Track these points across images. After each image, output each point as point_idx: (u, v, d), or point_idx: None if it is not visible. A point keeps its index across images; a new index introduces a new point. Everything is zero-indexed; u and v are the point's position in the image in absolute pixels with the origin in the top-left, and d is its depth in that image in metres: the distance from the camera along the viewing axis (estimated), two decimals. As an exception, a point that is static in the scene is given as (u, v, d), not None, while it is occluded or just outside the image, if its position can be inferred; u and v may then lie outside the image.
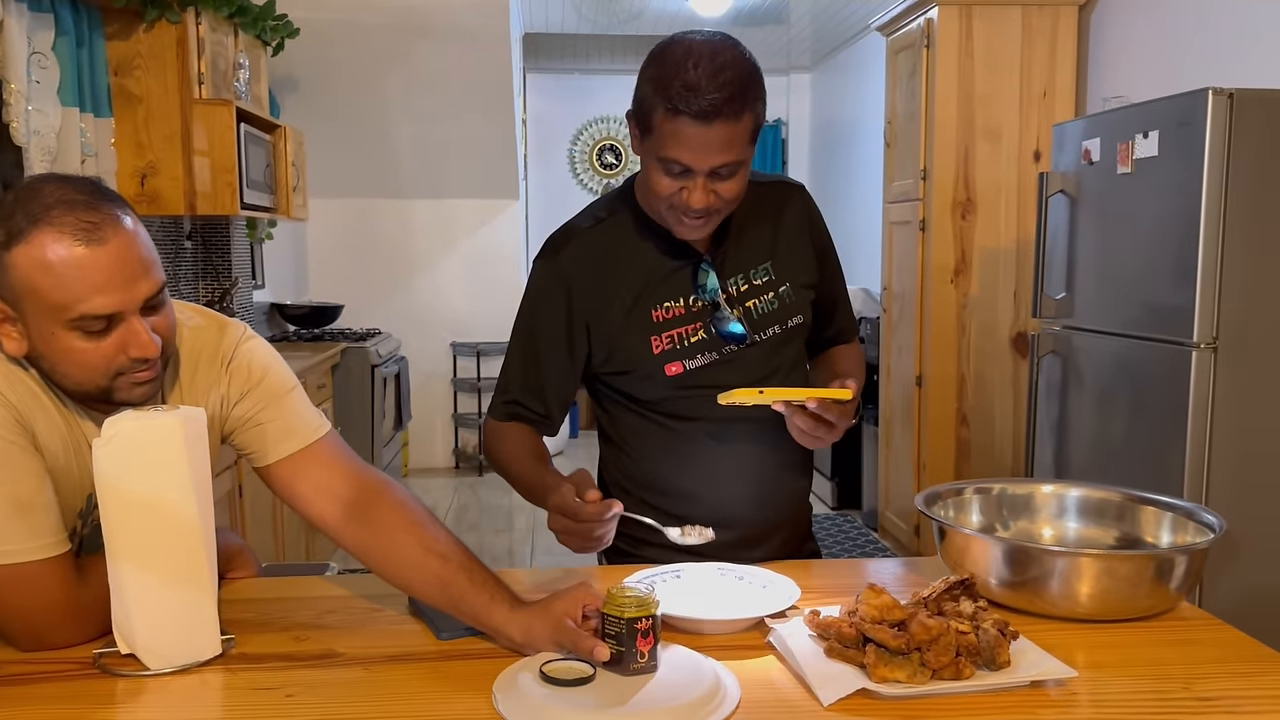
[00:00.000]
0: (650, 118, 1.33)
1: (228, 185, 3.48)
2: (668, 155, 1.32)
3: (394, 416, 5.16)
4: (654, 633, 1.09)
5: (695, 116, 1.28)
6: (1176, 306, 2.23)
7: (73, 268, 1.07)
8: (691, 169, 1.32)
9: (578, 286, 1.47)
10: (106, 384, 1.13)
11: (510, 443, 1.51)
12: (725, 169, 1.34)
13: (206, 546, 1.13)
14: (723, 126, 1.29)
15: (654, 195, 1.39)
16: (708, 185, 1.34)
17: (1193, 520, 1.31)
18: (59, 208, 1.08)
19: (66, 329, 1.09)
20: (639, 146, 1.40)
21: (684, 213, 1.37)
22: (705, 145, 1.30)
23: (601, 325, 1.48)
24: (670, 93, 1.29)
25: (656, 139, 1.33)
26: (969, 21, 3.82)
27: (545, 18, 6.53)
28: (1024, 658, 1.09)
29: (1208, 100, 2.12)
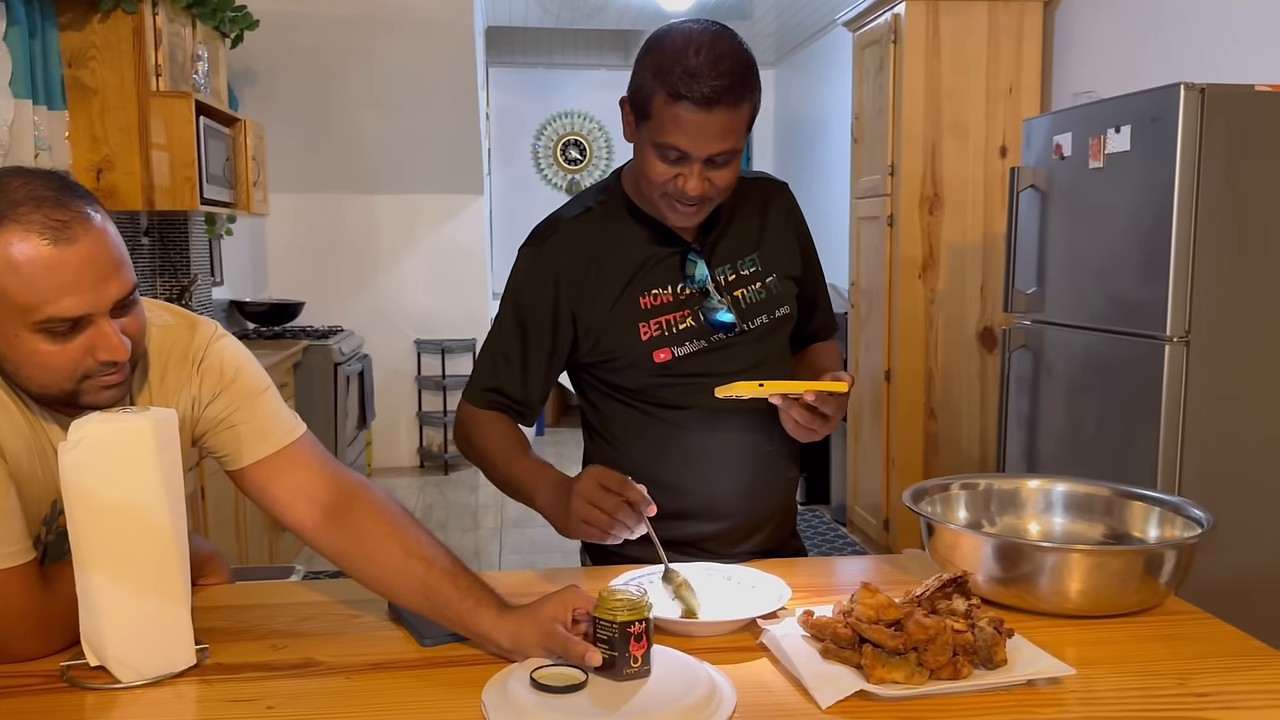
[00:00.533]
0: (649, 103, 1.33)
1: (187, 180, 3.40)
2: (665, 141, 1.33)
3: (357, 416, 5.09)
4: (647, 636, 1.06)
5: (696, 103, 1.29)
6: (1149, 300, 2.24)
7: (41, 268, 1.01)
8: (689, 155, 1.33)
9: (565, 274, 1.46)
10: (72, 387, 1.08)
11: (491, 433, 1.49)
12: (721, 157, 1.35)
13: (179, 553, 1.09)
14: (722, 114, 1.30)
15: (648, 182, 1.39)
16: (703, 172, 1.35)
17: (1180, 515, 1.31)
18: (26, 204, 1.02)
19: (32, 331, 1.03)
20: (632, 133, 1.40)
21: (678, 199, 1.37)
22: (704, 132, 1.31)
23: (589, 313, 1.46)
24: (672, 79, 1.30)
25: (654, 124, 1.33)
26: (936, 17, 3.83)
27: (509, 11, 6.48)
28: (1020, 656, 1.08)
29: (1180, 95, 2.13)
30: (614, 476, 1.27)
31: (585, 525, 1.29)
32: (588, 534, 1.30)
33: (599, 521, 1.27)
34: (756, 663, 1.12)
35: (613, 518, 1.26)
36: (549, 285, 1.46)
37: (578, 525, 1.30)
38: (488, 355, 1.52)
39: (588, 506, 1.27)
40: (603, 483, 1.27)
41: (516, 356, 1.49)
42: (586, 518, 1.28)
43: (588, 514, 1.27)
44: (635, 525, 1.27)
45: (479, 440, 1.50)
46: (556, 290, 1.46)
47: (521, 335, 1.49)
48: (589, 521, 1.28)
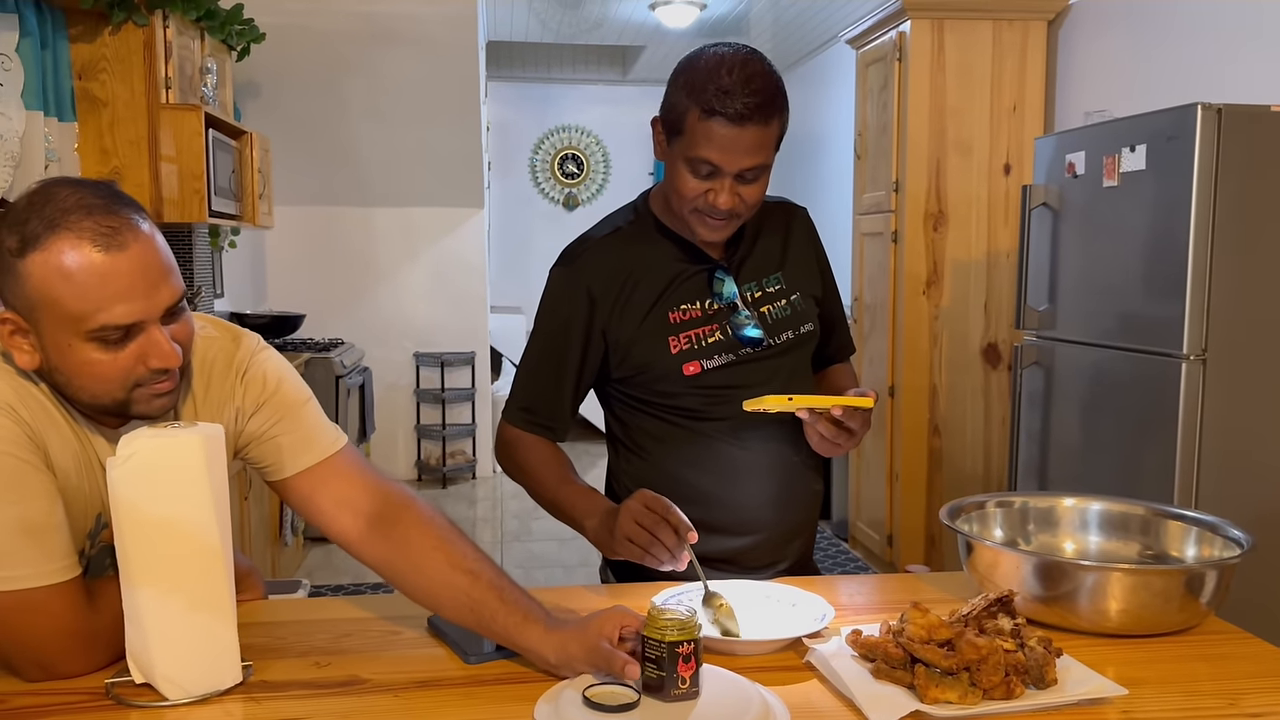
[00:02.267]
0: (682, 120, 1.38)
1: (195, 192, 3.39)
2: (698, 155, 1.37)
3: (358, 429, 5.06)
4: (695, 657, 1.06)
5: (729, 118, 1.34)
6: (1165, 318, 2.25)
7: (93, 276, 1.01)
8: (720, 169, 1.37)
9: (598, 292, 1.48)
10: (124, 396, 1.08)
11: (536, 456, 1.54)
12: (751, 172, 1.39)
13: (227, 570, 1.08)
14: (754, 130, 1.35)
15: (679, 197, 1.42)
16: (734, 187, 1.39)
17: (1219, 534, 1.32)
18: (76, 212, 1.02)
19: (85, 340, 1.03)
20: (663, 151, 1.44)
21: (709, 214, 1.41)
22: (736, 147, 1.35)
23: (620, 329, 1.49)
24: (705, 96, 1.34)
25: (687, 140, 1.37)
26: (941, 35, 3.85)
27: (509, 26, 6.50)
28: (1070, 675, 1.08)
29: (1197, 115, 2.15)
30: (661, 502, 1.31)
31: (628, 542, 1.31)
32: (629, 551, 1.32)
33: (639, 538, 1.30)
34: (805, 683, 1.12)
35: (653, 535, 1.29)
36: (582, 303, 1.49)
37: (621, 541, 1.32)
38: (524, 374, 1.56)
39: (632, 524, 1.30)
40: (648, 504, 1.31)
41: (550, 375, 1.52)
42: (630, 534, 1.31)
43: (632, 531, 1.31)
44: (675, 548, 1.29)
45: (524, 463, 1.54)
46: (590, 308, 1.49)
47: (555, 354, 1.51)
48: (631, 538, 1.31)
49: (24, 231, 1.02)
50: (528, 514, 5.38)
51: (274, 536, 3.86)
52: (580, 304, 1.49)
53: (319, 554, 4.58)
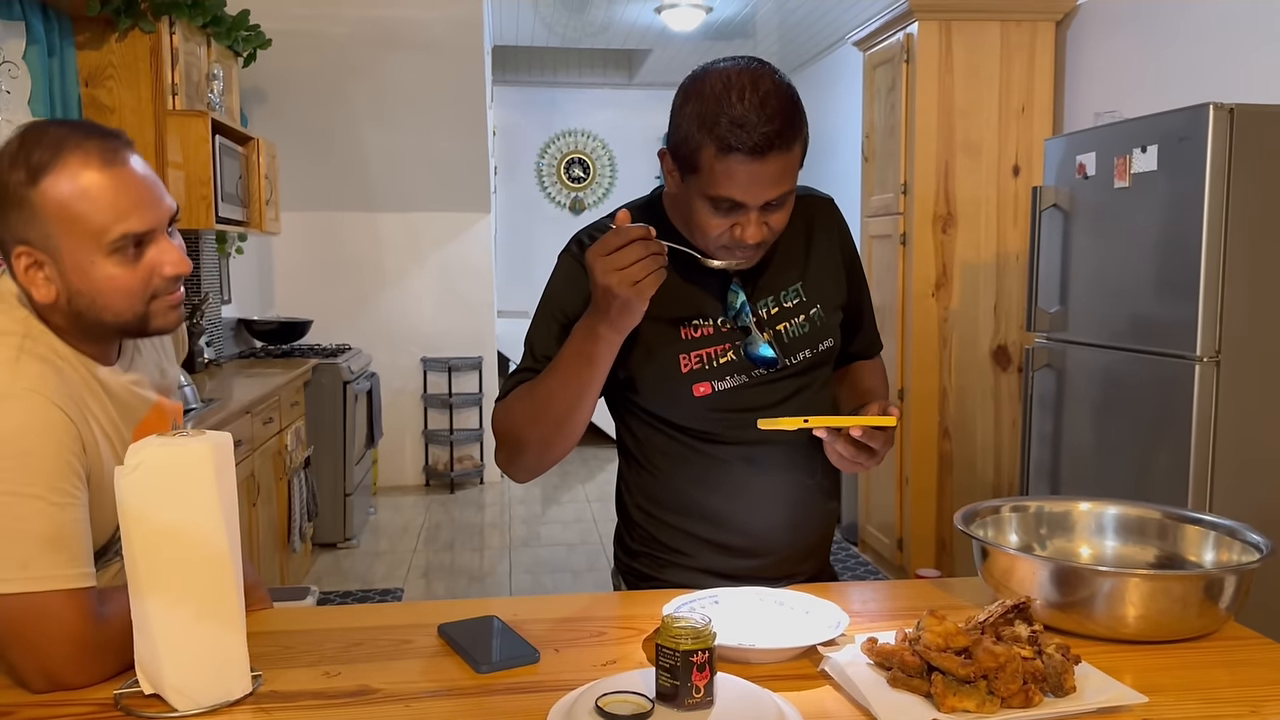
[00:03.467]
0: (696, 156, 1.27)
1: (203, 199, 3.39)
2: (719, 194, 1.27)
3: (365, 434, 5.06)
4: (710, 666, 1.04)
5: (749, 153, 1.24)
6: (1178, 320, 2.24)
7: (108, 189, 1.09)
8: (745, 205, 1.28)
9: None
10: (143, 309, 1.15)
11: (516, 394, 1.41)
12: (777, 200, 1.30)
13: (236, 579, 1.07)
14: (776, 159, 1.25)
15: (702, 234, 1.34)
16: (760, 219, 1.30)
17: (1237, 539, 1.30)
18: (75, 136, 1.10)
19: (106, 255, 1.10)
20: (677, 184, 1.35)
21: (737, 249, 1.33)
22: (760, 180, 1.26)
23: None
24: (719, 130, 1.24)
25: (705, 178, 1.28)
26: (949, 36, 3.84)
27: (515, 30, 6.50)
28: (1088, 683, 1.07)
29: (1209, 115, 2.13)
30: (609, 238, 1.20)
31: (621, 276, 1.19)
32: (632, 284, 1.20)
33: (625, 281, 1.19)
34: (819, 690, 1.11)
35: (637, 256, 1.18)
36: (583, 283, 1.36)
37: (622, 285, 1.20)
38: (528, 346, 1.46)
39: (612, 271, 1.20)
40: (604, 250, 1.20)
41: (554, 344, 1.41)
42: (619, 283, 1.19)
43: (619, 280, 1.19)
44: (657, 250, 1.20)
45: (511, 413, 1.41)
46: (586, 281, 1.37)
47: (557, 335, 1.41)
48: (623, 271, 1.19)
49: (30, 162, 1.07)
50: (535, 519, 5.38)
51: (282, 543, 3.85)
52: (581, 284, 1.38)
53: (327, 560, 4.58)
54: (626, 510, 1.57)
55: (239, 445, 3.23)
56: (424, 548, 4.83)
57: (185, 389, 3.13)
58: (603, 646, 1.22)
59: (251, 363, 4.58)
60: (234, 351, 4.97)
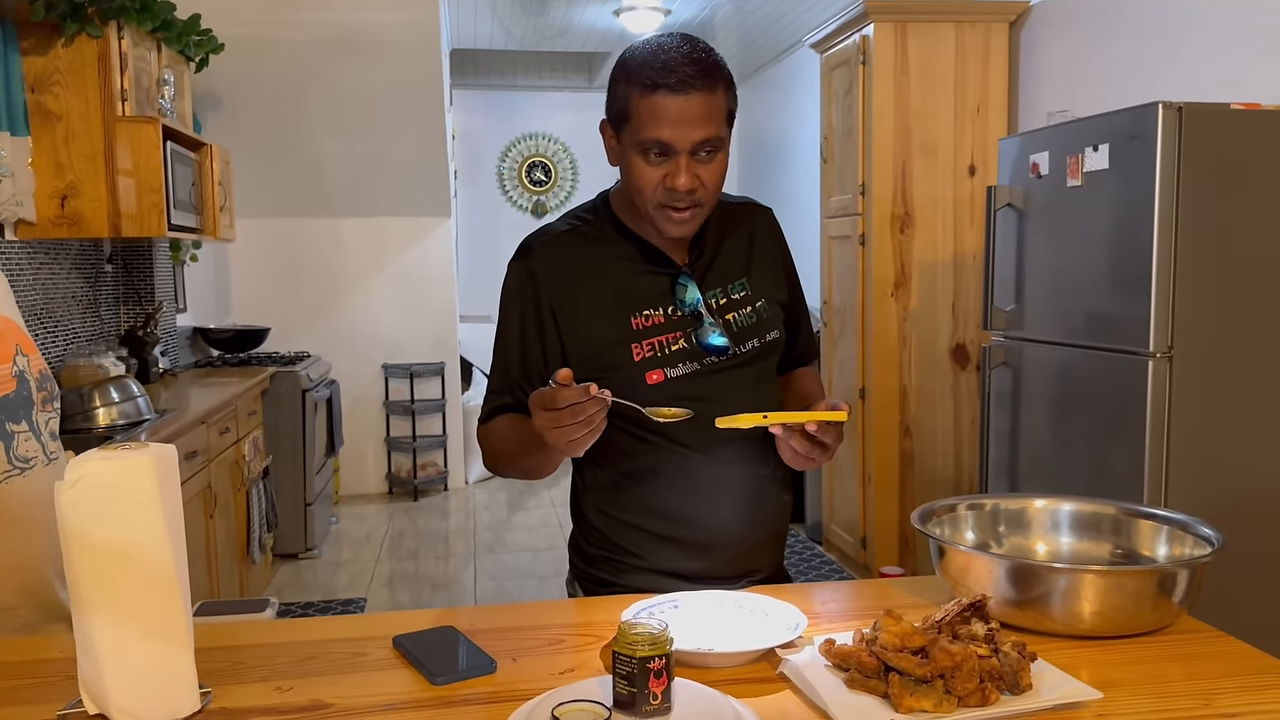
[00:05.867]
0: (627, 106, 1.36)
1: (154, 206, 3.33)
2: (648, 136, 1.34)
3: (325, 442, 5.01)
4: (667, 672, 1.04)
5: (672, 89, 1.32)
6: (1131, 316, 2.26)
7: None
8: (672, 147, 1.34)
9: (550, 284, 1.46)
10: None
11: (498, 431, 1.49)
12: (706, 147, 1.36)
13: (182, 594, 1.05)
14: (700, 98, 1.32)
15: (639, 194, 1.40)
16: (690, 166, 1.36)
17: (1189, 533, 1.31)
18: None
19: None
20: (616, 151, 1.43)
21: (672, 205, 1.38)
22: (685, 118, 1.32)
23: (575, 324, 1.46)
24: (645, 74, 1.33)
25: (634, 125, 1.35)
26: (904, 38, 3.87)
27: (474, 33, 6.47)
28: (1044, 680, 1.07)
29: (1158, 114, 2.16)
30: (546, 394, 1.23)
31: (557, 434, 1.23)
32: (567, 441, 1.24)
33: (562, 437, 1.23)
34: (779, 694, 1.10)
35: (574, 422, 1.21)
36: (532, 294, 1.47)
37: (557, 442, 1.24)
38: (492, 376, 1.53)
39: (548, 426, 1.23)
40: (540, 405, 1.23)
41: (516, 361, 1.49)
42: (554, 437, 1.23)
43: (554, 434, 1.23)
44: (598, 416, 1.22)
45: (492, 447, 1.50)
46: (535, 287, 1.46)
47: (516, 344, 1.49)
48: (559, 430, 1.22)
49: None
50: (501, 525, 5.35)
51: (241, 554, 3.80)
52: (529, 286, 1.47)
53: (288, 571, 4.52)
54: (583, 512, 1.57)
55: (194, 456, 3.18)
56: (387, 556, 4.78)
57: (138, 400, 3.07)
58: (561, 655, 1.21)
59: (208, 372, 4.51)
60: (190, 361, 4.90)
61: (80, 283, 3.74)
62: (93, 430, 2.92)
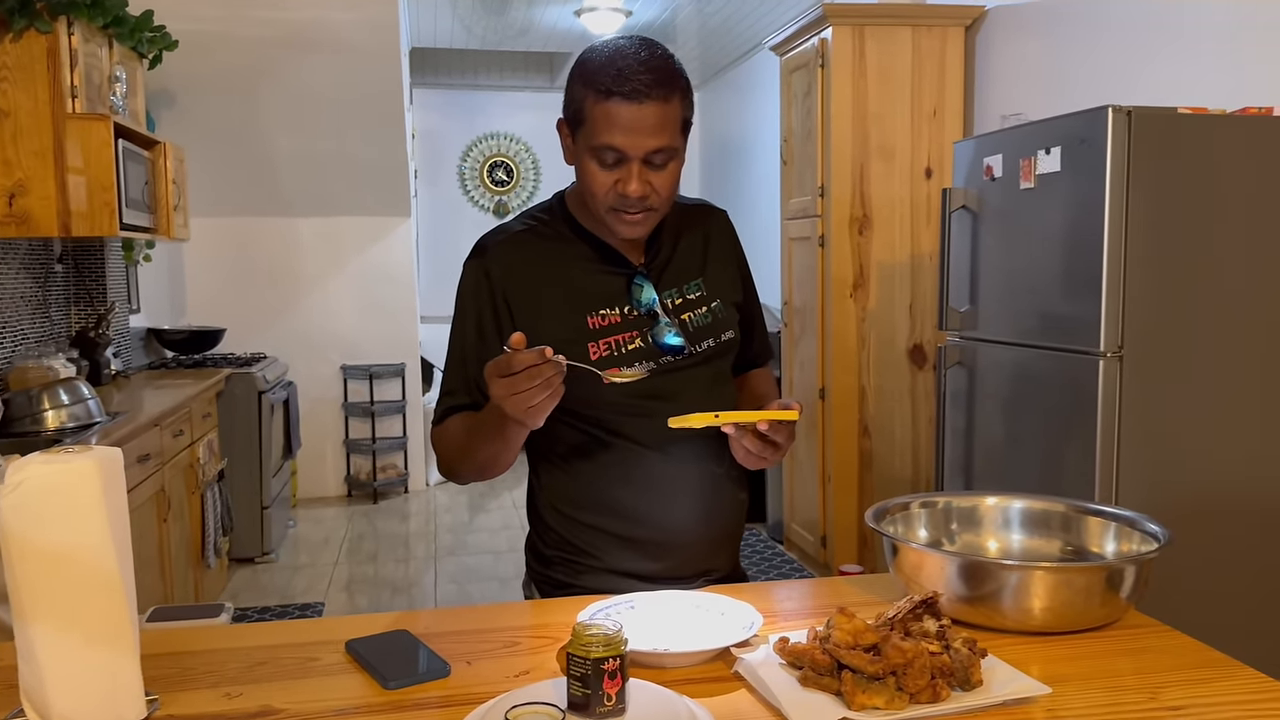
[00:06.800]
0: (582, 110, 1.35)
1: (105, 205, 3.28)
2: (601, 142, 1.34)
3: (283, 445, 4.95)
4: (621, 673, 1.03)
5: (627, 97, 1.31)
6: (1082, 317, 2.30)
7: None
8: (626, 154, 1.34)
9: (506, 283, 1.46)
10: None
11: (451, 429, 1.47)
12: (659, 155, 1.36)
13: (128, 600, 1.03)
14: (654, 107, 1.32)
15: (592, 197, 1.39)
16: (643, 173, 1.36)
17: (1136, 529, 1.34)
18: None
19: None
20: (571, 151, 1.42)
21: (624, 209, 1.38)
22: (638, 127, 1.32)
23: (531, 323, 1.43)
24: (601, 80, 1.32)
25: (589, 129, 1.35)
26: (861, 42, 3.90)
27: (434, 32, 6.43)
28: (995, 676, 1.09)
29: (1108, 118, 2.19)
30: (500, 361, 1.21)
31: (516, 400, 1.20)
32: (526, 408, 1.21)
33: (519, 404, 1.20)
34: (733, 693, 1.11)
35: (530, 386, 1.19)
36: (488, 292, 1.46)
37: (516, 409, 1.21)
38: (447, 376, 1.51)
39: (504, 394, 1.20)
40: (495, 373, 1.21)
41: (472, 360, 1.47)
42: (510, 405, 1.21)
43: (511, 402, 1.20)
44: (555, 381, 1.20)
45: (447, 445, 1.47)
46: (491, 286, 1.46)
47: (472, 343, 1.48)
48: (518, 396, 1.20)
49: None
50: (462, 528, 5.32)
51: (196, 559, 3.74)
52: (484, 284, 1.46)
53: (245, 575, 4.46)
54: (539, 513, 1.57)
55: (147, 459, 3.13)
56: (346, 560, 4.73)
57: (89, 402, 3.02)
58: (516, 657, 1.20)
59: (161, 373, 4.44)
60: (143, 362, 4.82)
61: (29, 283, 3.67)
62: (41, 433, 2.86)
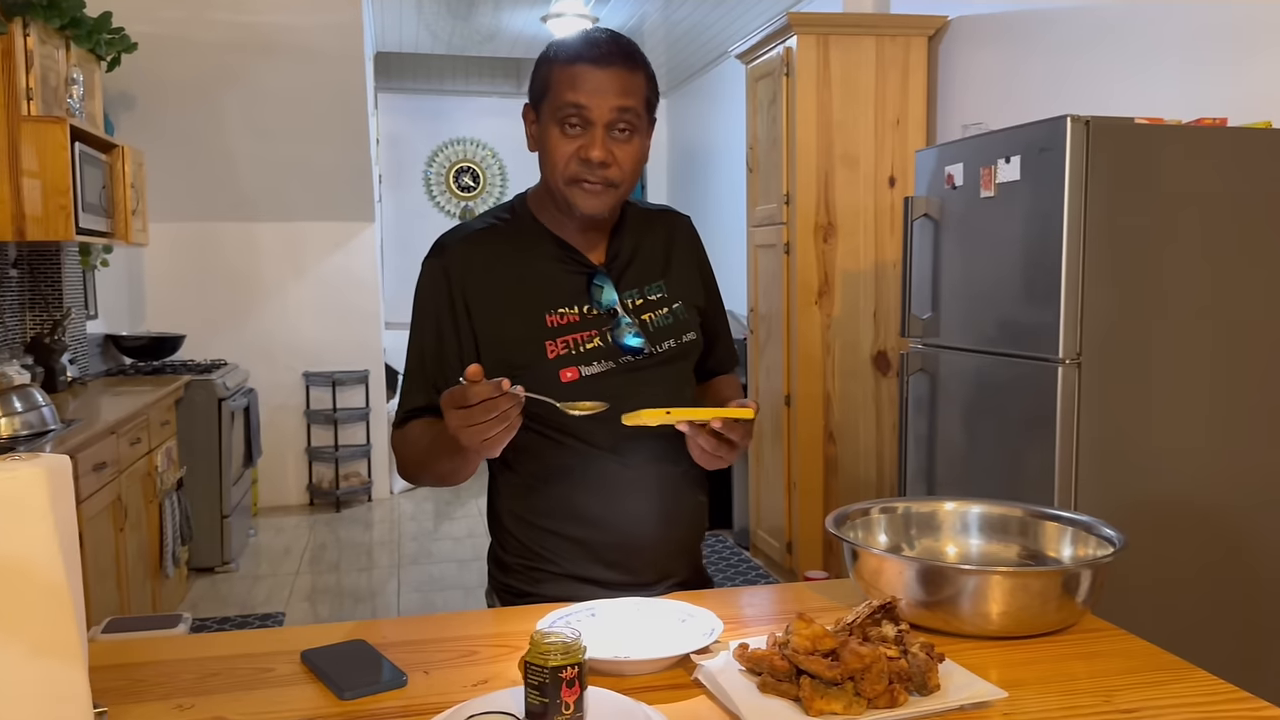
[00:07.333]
0: (548, 80, 1.38)
1: (61, 209, 3.23)
2: (565, 100, 1.36)
3: (243, 453, 4.89)
4: (580, 681, 1.03)
5: (592, 60, 1.35)
6: (1041, 324, 2.32)
7: None
8: (588, 114, 1.35)
9: (464, 281, 1.45)
10: None
11: (412, 436, 1.47)
12: (624, 123, 1.37)
13: (75, 610, 1.01)
14: (619, 72, 1.36)
15: (552, 169, 1.40)
16: (605, 140, 1.37)
17: (1092, 534, 1.35)
18: None
19: None
20: (535, 135, 1.44)
21: (585, 178, 1.38)
22: (603, 88, 1.35)
23: (489, 322, 1.45)
24: (567, 49, 1.37)
25: (553, 95, 1.37)
26: (826, 51, 3.93)
27: (399, 37, 6.40)
28: (952, 680, 1.09)
29: (1067, 127, 2.22)
30: (456, 393, 1.21)
31: (470, 432, 1.20)
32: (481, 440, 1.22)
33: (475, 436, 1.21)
34: (694, 700, 1.10)
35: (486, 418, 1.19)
36: (446, 291, 1.46)
37: (471, 441, 1.22)
38: (406, 377, 1.51)
39: (460, 425, 1.21)
40: (450, 404, 1.21)
41: (431, 359, 1.47)
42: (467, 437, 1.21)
43: (467, 434, 1.21)
44: (512, 413, 1.20)
45: (407, 453, 1.47)
46: (449, 285, 1.46)
47: (431, 344, 1.47)
48: (473, 428, 1.20)
49: None
50: (426, 536, 5.28)
51: (154, 568, 3.68)
52: (442, 283, 1.46)
53: (204, 585, 4.40)
54: (499, 519, 1.56)
55: (103, 468, 3.07)
56: (307, 569, 4.68)
57: (43, 409, 2.96)
58: (475, 666, 1.19)
59: (119, 380, 4.37)
60: (100, 369, 4.74)
61: (-18, 288, 3.60)
62: (-7, 441, 2.80)
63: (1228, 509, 2.36)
